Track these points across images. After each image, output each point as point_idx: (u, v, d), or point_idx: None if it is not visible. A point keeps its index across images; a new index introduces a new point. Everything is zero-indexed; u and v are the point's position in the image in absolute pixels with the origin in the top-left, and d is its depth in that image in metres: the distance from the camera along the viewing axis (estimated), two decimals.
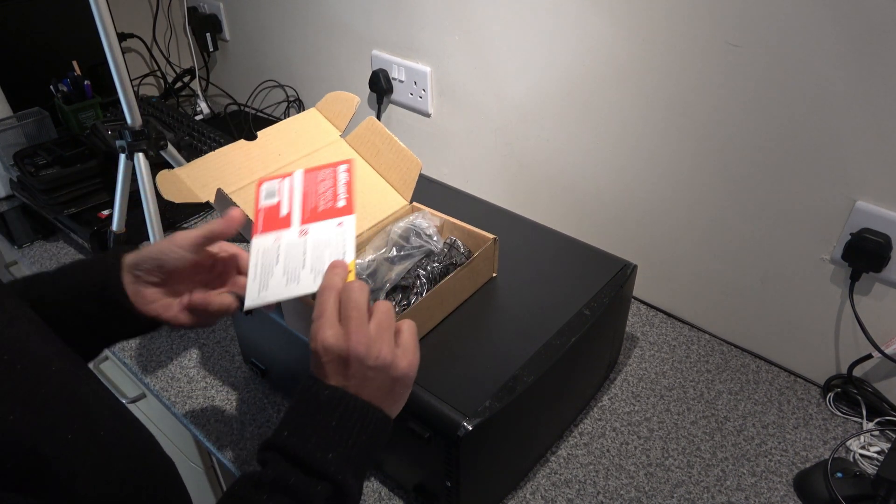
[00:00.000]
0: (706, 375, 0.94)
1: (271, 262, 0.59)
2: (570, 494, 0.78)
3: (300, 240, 0.60)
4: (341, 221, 0.60)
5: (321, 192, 0.63)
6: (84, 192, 1.18)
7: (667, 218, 0.99)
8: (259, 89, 1.58)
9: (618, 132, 0.98)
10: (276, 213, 0.63)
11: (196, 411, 0.88)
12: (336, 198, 0.62)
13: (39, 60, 1.42)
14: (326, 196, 0.63)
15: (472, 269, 0.77)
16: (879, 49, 0.71)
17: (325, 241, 0.59)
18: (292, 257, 0.59)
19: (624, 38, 0.90)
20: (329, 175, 0.65)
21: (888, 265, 0.80)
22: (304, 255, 0.59)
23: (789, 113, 0.81)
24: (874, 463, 0.81)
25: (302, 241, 0.60)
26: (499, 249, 0.81)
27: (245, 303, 0.58)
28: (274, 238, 0.61)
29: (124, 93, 0.95)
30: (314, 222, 0.61)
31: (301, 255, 0.59)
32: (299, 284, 0.57)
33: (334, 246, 0.58)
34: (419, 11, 1.14)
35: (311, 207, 0.62)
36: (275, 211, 0.64)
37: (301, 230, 0.61)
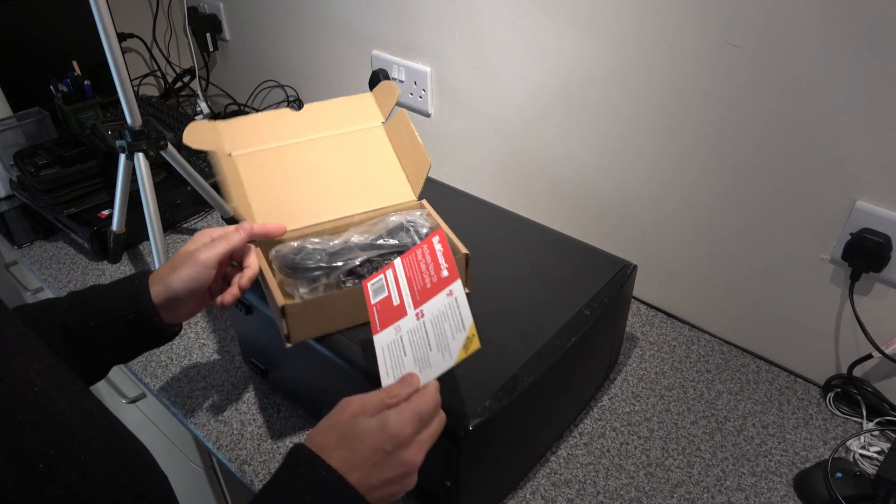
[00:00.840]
0: (706, 375, 0.94)
1: (399, 355, 0.60)
2: (570, 494, 0.78)
3: (419, 323, 0.61)
4: (450, 291, 0.61)
5: (423, 269, 0.64)
6: (84, 192, 1.18)
7: (667, 218, 0.99)
8: (259, 89, 1.58)
9: (618, 132, 0.98)
10: (389, 304, 0.64)
11: (196, 411, 0.88)
12: (439, 269, 0.63)
13: (39, 60, 1.42)
14: (430, 272, 0.64)
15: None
16: (879, 49, 0.71)
17: (441, 315, 0.60)
18: (418, 344, 0.60)
19: (624, 38, 0.90)
20: (426, 251, 0.65)
21: (888, 265, 0.80)
22: (427, 338, 0.59)
23: (789, 113, 0.81)
24: (874, 463, 0.81)
25: (421, 324, 0.61)
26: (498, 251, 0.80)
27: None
28: (394, 330, 0.62)
29: (124, 93, 0.95)
30: (426, 301, 0.62)
31: (425, 337, 0.60)
32: (433, 368, 0.58)
33: (451, 317, 0.59)
34: (419, 11, 1.14)
35: (419, 288, 0.63)
36: (387, 303, 0.65)
37: (417, 313, 0.62)
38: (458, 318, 0.59)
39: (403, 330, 0.61)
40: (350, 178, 0.82)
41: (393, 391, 0.56)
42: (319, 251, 0.74)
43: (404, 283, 0.65)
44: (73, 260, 1.17)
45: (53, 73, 1.35)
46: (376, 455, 0.51)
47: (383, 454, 0.51)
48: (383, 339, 0.62)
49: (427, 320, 0.60)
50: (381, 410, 0.54)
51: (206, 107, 1.60)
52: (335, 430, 0.53)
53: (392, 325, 0.63)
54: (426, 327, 0.60)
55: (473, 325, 0.57)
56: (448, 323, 0.59)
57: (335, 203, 0.80)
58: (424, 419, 0.54)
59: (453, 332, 0.58)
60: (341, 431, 0.53)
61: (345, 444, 0.52)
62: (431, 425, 0.55)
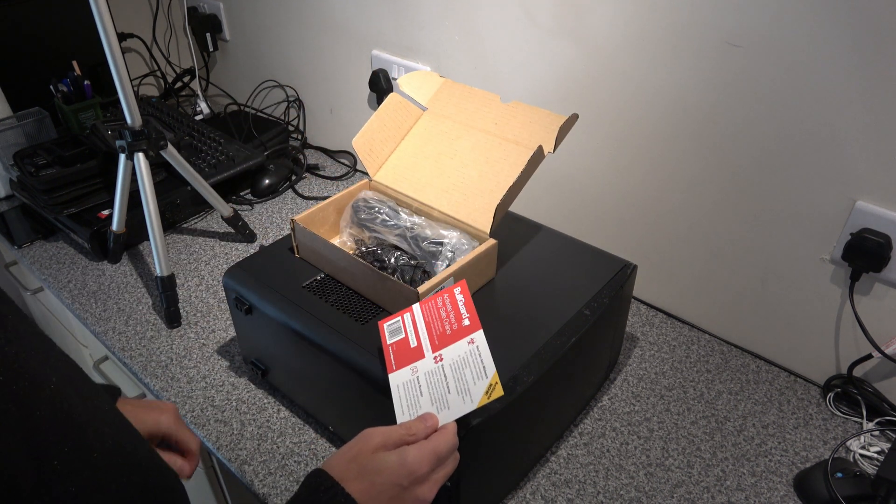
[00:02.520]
0: (706, 375, 0.94)
1: (416, 395, 0.62)
2: (570, 494, 0.78)
3: (437, 366, 0.62)
4: (472, 339, 0.63)
5: (444, 317, 0.66)
6: (84, 192, 1.18)
7: (667, 218, 0.99)
8: (259, 89, 1.58)
9: (618, 132, 0.98)
10: (405, 346, 0.66)
11: (196, 411, 0.88)
12: (460, 318, 0.65)
13: (39, 60, 1.42)
14: (450, 319, 0.65)
15: (472, 271, 0.77)
16: (879, 49, 0.71)
17: (462, 361, 0.62)
18: (435, 385, 0.61)
19: (623, 39, 0.90)
20: (446, 300, 0.67)
21: (888, 265, 0.80)
22: (445, 381, 0.61)
23: (789, 113, 0.81)
24: (874, 463, 0.81)
25: (439, 367, 0.62)
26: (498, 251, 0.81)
27: None
28: (410, 371, 0.64)
29: (124, 93, 0.95)
30: (446, 347, 0.63)
31: (443, 380, 0.61)
32: (451, 410, 0.60)
33: (472, 364, 0.61)
34: (419, 11, 1.14)
35: (438, 334, 0.65)
36: (404, 345, 0.66)
37: (436, 357, 0.63)
38: (479, 366, 0.61)
39: (420, 371, 0.63)
40: (464, 180, 0.84)
41: (412, 429, 0.58)
42: (388, 212, 0.84)
43: (422, 327, 0.66)
44: (73, 260, 1.17)
45: (53, 73, 1.35)
46: (393, 490, 0.54)
47: (400, 489, 0.54)
48: (399, 378, 0.64)
49: (446, 364, 0.62)
50: (400, 446, 0.56)
51: (206, 107, 1.60)
52: (356, 463, 0.55)
53: (409, 365, 0.64)
54: (444, 371, 0.62)
55: (496, 374, 0.60)
56: (469, 369, 0.61)
57: (436, 190, 0.85)
58: (441, 458, 0.57)
59: (474, 379, 0.60)
60: (362, 464, 0.55)
61: (364, 477, 0.54)
62: (447, 465, 0.58)
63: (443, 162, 0.86)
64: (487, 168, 0.83)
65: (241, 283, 0.82)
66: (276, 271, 0.83)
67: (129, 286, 1.11)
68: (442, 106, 0.90)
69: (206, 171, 1.25)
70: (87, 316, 1.05)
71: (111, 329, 1.02)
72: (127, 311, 1.06)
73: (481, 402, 0.59)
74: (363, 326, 0.74)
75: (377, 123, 0.88)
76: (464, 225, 0.81)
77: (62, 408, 0.45)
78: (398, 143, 0.90)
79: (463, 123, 0.87)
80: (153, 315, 1.05)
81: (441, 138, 0.88)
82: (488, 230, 0.79)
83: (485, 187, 0.82)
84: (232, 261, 1.16)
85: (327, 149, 1.51)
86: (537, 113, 0.82)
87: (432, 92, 0.91)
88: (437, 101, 0.90)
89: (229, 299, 0.85)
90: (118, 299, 1.08)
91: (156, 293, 1.07)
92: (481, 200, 0.81)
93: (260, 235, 1.23)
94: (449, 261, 0.77)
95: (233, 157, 1.30)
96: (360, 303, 0.78)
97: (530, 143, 0.81)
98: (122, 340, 1.00)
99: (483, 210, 0.80)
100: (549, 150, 0.79)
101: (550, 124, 0.80)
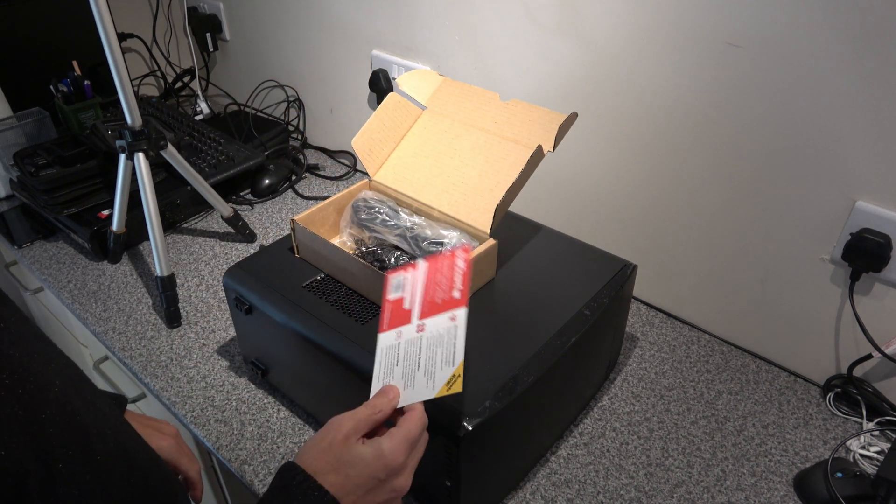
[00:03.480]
0: (706, 375, 0.94)
1: (392, 363, 0.59)
2: (570, 494, 0.78)
3: (417, 336, 0.60)
4: (454, 315, 0.59)
5: (439, 281, 0.63)
6: (84, 192, 1.18)
7: (667, 218, 0.99)
8: (259, 89, 1.58)
9: (618, 132, 0.98)
10: (400, 306, 0.63)
11: (196, 411, 0.88)
12: (451, 287, 0.61)
13: (39, 60, 1.42)
14: (443, 287, 0.62)
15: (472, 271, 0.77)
16: (879, 49, 0.71)
17: (437, 338, 0.59)
18: (410, 358, 0.59)
19: (623, 39, 0.90)
20: (447, 265, 0.63)
21: (888, 265, 0.80)
22: (419, 356, 0.59)
23: (789, 113, 0.81)
24: (874, 463, 0.81)
25: (419, 338, 0.60)
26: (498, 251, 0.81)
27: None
28: (396, 335, 0.61)
29: (124, 93, 0.95)
30: (431, 317, 0.60)
31: (416, 354, 0.59)
32: (415, 390, 0.57)
33: (445, 345, 0.58)
34: (419, 11, 1.14)
35: (429, 300, 0.62)
36: (399, 304, 0.63)
37: (419, 325, 0.61)
38: (451, 349, 0.57)
39: (403, 338, 0.61)
40: (464, 179, 0.84)
41: (377, 406, 0.56)
42: (388, 212, 0.84)
43: (419, 290, 0.63)
44: (73, 260, 1.17)
45: (53, 73, 1.35)
46: (370, 482, 0.53)
47: (377, 482, 0.53)
48: (385, 341, 0.62)
49: (425, 336, 0.59)
50: (370, 427, 0.55)
51: (206, 107, 1.60)
52: (329, 454, 0.53)
53: (396, 328, 0.62)
54: (421, 343, 0.59)
55: (462, 364, 0.56)
56: (441, 350, 0.58)
57: (436, 190, 0.85)
58: (414, 443, 0.55)
59: (442, 363, 0.57)
60: (336, 456, 0.53)
61: (339, 470, 0.52)
62: (419, 448, 0.56)
63: (442, 161, 0.86)
64: (487, 167, 0.83)
65: (241, 283, 0.82)
66: (276, 271, 0.83)
67: (129, 286, 1.11)
68: (441, 104, 0.90)
69: (206, 171, 1.25)
70: (87, 316, 1.05)
71: (111, 329, 1.02)
72: (127, 311, 1.06)
73: (440, 392, 0.56)
74: (363, 326, 0.74)
75: (376, 123, 0.88)
76: (464, 225, 0.81)
77: (66, 410, 0.45)
78: (398, 143, 0.90)
79: (462, 122, 0.87)
80: (153, 315, 1.05)
81: (440, 137, 0.88)
82: (488, 230, 0.79)
83: (484, 187, 0.82)
84: (232, 261, 1.16)
85: (327, 149, 1.51)
86: (537, 111, 0.82)
87: (431, 91, 0.91)
88: (436, 99, 0.90)
89: (229, 299, 0.85)
90: (118, 299, 1.08)
91: (156, 293, 1.07)
92: (481, 200, 0.81)
93: (260, 235, 1.23)
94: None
95: (233, 157, 1.30)
96: (360, 303, 0.78)
97: (530, 142, 0.81)
98: (122, 340, 1.00)
99: (483, 210, 0.80)
100: (548, 148, 0.79)
101: (550, 123, 0.80)
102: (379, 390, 0.58)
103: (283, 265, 0.84)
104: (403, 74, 0.91)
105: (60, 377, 0.47)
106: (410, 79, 0.90)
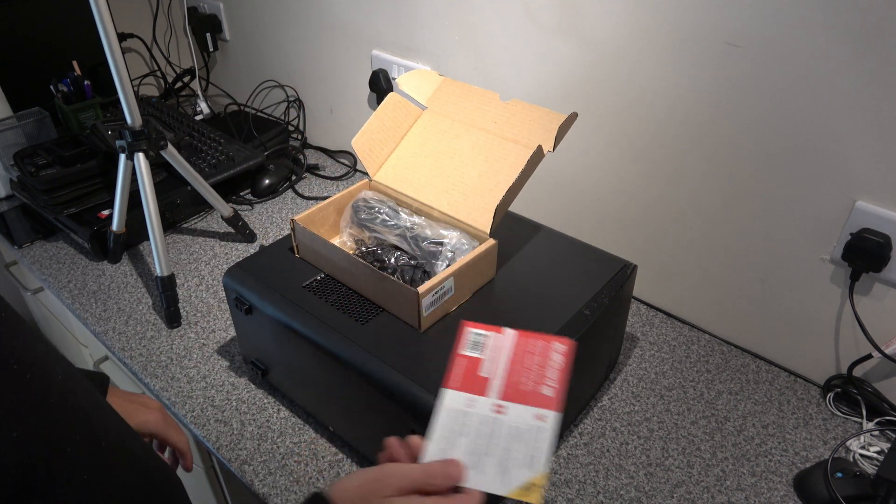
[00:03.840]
0: (706, 375, 0.94)
1: (457, 432, 0.54)
2: (570, 494, 0.78)
3: (493, 417, 0.54)
4: (543, 416, 0.53)
5: (528, 365, 0.57)
6: (84, 192, 1.18)
7: (667, 218, 0.99)
8: (259, 89, 1.58)
9: (619, 132, 0.98)
10: (475, 369, 0.57)
11: (196, 411, 0.88)
12: (543, 380, 0.56)
13: (39, 60, 1.42)
14: (533, 374, 0.56)
15: (472, 271, 0.77)
16: (879, 49, 0.71)
17: (518, 433, 0.53)
18: (481, 437, 0.53)
19: (623, 39, 0.90)
20: (542, 349, 0.58)
21: (888, 265, 0.80)
22: (492, 440, 0.53)
23: (789, 113, 0.81)
24: (874, 463, 0.81)
25: (495, 420, 0.54)
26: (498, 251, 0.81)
27: (422, 457, 0.53)
28: (467, 402, 0.55)
29: (124, 93, 0.95)
30: (513, 402, 0.54)
31: (488, 436, 0.53)
32: (484, 476, 0.51)
33: (528, 444, 0.52)
34: (419, 11, 1.14)
35: (514, 381, 0.56)
36: (475, 367, 0.57)
37: (497, 405, 0.55)
38: (533, 452, 0.52)
39: (475, 409, 0.55)
40: (464, 179, 0.84)
41: (434, 475, 0.51)
42: (388, 212, 0.84)
43: (504, 362, 0.58)
44: (73, 260, 1.17)
45: (53, 73, 1.35)
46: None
47: None
48: (453, 402, 0.55)
49: (504, 423, 0.54)
50: (418, 492, 0.50)
51: (206, 107, 1.60)
52: (363, 499, 0.50)
53: (468, 393, 0.56)
54: (498, 429, 0.53)
55: (546, 476, 0.53)
56: (522, 447, 0.52)
57: (436, 190, 0.85)
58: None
59: (521, 463, 0.51)
60: (368, 502, 0.49)
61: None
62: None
63: (442, 161, 0.86)
64: (487, 167, 0.83)
65: (241, 283, 0.82)
66: (276, 271, 0.83)
67: (129, 286, 1.11)
68: (441, 104, 0.90)
69: (206, 171, 1.25)
70: (87, 316, 1.05)
71: (111, 329, 1.02)
72: (127, 311, 1.06)
73: (512, 494, 0.50)
74: (363, 326, 0.74)
75: (376, 123, 0.88)
76: (464, 225, 0.81)
77: (69, 397, 0.46)
78: (398, 143, 0.90)
79: (462, 122, 0.87)
80: (153, 315, 1.05)
81: (440, 137, 0.88)
82: (488, 230, 0.79)
83: (484, 187, 0.82)
84: (232, 261, 1.16)
85: (327, 149, 1.51)
86: (537, 111, 0.82)
87: (431, 91, 0.91)
88: (436, 99, 0.90)
89: (229, 299, 0.85)
90: (118, 299, 1.08)
91: (156, 293, 1.07)
92: (481, 200, 0.81)
93: (260, 235, 1.23)
94: (449, 261, 0.77)
95: (233, 157, 1.30)
96: (361, 303, 0.78)
97: (530, 142, 0.81)
98: (122, 340, 1.00)
99: (483, 210, 0.81)
100: (548, 149, 0.79)
101: (550, 123, 0.80)
102: (443, 460, 0.52)
103: (283, 265, 0.84)
104: (403, 74, 0.91)
105: (60, 367, 0.48)
106: (410, 79, 0.90)
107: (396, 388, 0.69)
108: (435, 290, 0.72)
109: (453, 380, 0.57)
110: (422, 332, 0.74)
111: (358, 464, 0.82)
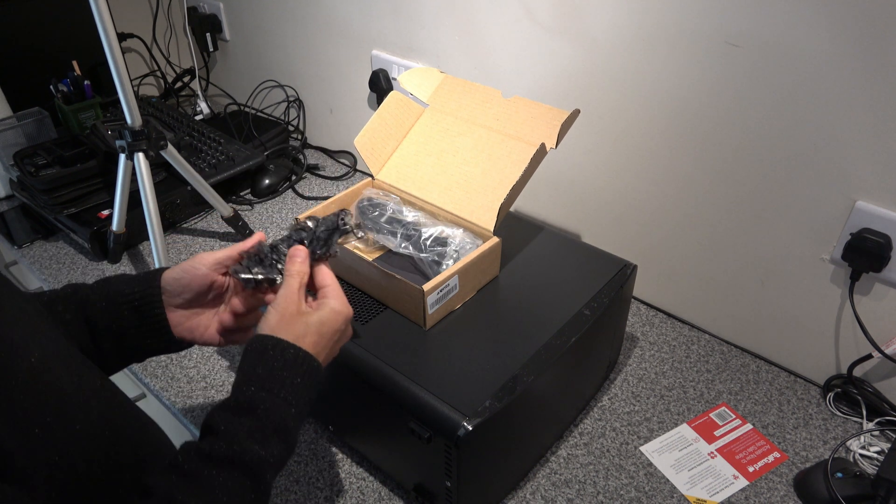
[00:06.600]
0: (706, 375, 0.94)
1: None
2: (570, 494, 0.78)
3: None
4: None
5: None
6: (84, 192, 1.18)
7: (667, 218, 0.99)
8: (259, 89, 1.58)
9: (617, 132, 0.98)
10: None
11: (196, 411, 0.88)
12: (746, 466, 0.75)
13: (39, 60, 1.42)
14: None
15: (477, 269, 0.77)
16: (879, 49, 0.71)
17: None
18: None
19: (624, 38, 0.90)
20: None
21: (888, 265, 0.80)
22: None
23: (789, 113, 0.81)
24: (874, 463, 0.81)
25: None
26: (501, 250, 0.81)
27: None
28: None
29: (124, 93, 0.95)
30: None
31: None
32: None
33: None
34: (419, 11, 1.14)
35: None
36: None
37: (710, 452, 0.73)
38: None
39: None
40: (467, 177, 0.84)
41: (295, 273, 0.61)
42: (392, 211, 0.84)
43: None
44: (73, 260, 1.17)
45: (53, 73, 1.35)
46: (336, 335, 0.60)
47: (340, 333, 0.60)
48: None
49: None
50: (298, 292, 0.60)
51: (206, 107, 1.60)
52: (299, 322, 0.58)
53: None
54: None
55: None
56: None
57: (439, 188, 0.85)
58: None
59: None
60: (305, 322, 0.58)
61: (313, 333, 0.58)
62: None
63: (445, 159, 0.86)
64: (490, 165, 0.83)
65: None
66: None
67: None
68: (443, 102, 0.90)
69: (206, 171, 1.25)
70: None
71: None
72: None
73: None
74: (363, 326, 0.74)
75: (378, 122, 0.88)
76: (467, 223, 0.81)
77: (43, 379, 0.46)
78: (400, 142, 0.90)
79: (464, 120, 0.87)
80: None
81: (443, 135, 0.88)
82: (492, 228, 0.79)
83: (487, 184, 0.82)
84: None
85: (327, 149, 1.51)
86: (539, 108, 0.82)
87: (433, 88, 0.91)
88: (437, 97, 0.90)
89: None
90: None
91: None
92: (484, 198, 0.81)
93: None
94: (454, 259, 0.77)
95: (233, 157, 1.30)
96: (361, 302, 0.78)
97: (532, 139, 0.81)
98: None
99: (486, 208, 0.81)
100: (551, 146, 0.79)
101: (552, 120, 0.80)
102: (288, 259, 0.62)
103: None
104: (405, 72, 0.91)
105: (42, 349, 0.48)
106: (412, 77, 0.90)
107: (400, 388, 0.69)
108: (440, 288, 0.72)
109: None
110: (426, 330, 0.74)
111: (358, 463, 0.82)
